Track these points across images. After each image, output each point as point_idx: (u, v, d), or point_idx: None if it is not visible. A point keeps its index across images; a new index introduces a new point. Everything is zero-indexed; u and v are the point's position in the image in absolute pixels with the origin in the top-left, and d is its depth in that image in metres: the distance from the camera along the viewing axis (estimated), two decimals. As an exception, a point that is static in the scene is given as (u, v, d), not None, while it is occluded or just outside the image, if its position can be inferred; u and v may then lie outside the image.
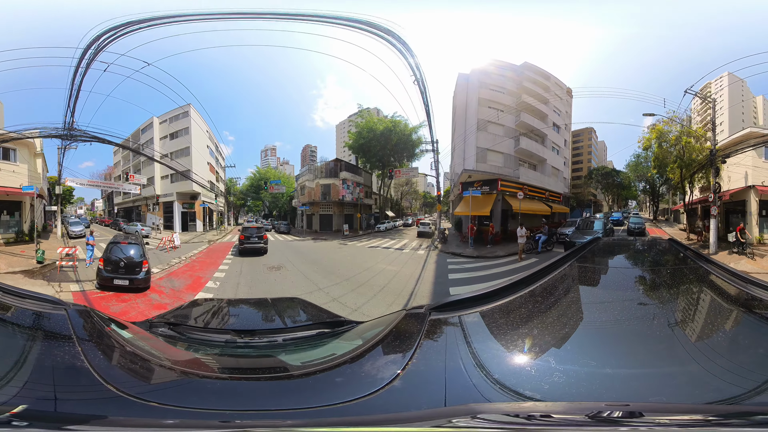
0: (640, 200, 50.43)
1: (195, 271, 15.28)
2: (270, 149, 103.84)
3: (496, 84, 27.73)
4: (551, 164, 29.75)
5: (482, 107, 26.59)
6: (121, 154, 38.45)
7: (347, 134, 58.75)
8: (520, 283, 1.75)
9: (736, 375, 1.03)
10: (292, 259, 19.13)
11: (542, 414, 0.90)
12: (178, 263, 16.98)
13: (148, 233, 28.21)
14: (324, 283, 12.53)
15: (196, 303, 3.14)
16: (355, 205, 39.34)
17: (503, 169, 25.85)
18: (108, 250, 11.46)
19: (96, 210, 50.53)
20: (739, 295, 1.55)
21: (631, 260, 2.75)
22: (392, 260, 19.17)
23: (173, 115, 34.87)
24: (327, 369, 1.31)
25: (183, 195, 34.51)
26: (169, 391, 1.21)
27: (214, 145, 41.52)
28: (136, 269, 11.03)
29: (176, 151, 34.04)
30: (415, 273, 15.54)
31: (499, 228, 24.57)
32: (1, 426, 0.88)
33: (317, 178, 38.64)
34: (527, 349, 1.28)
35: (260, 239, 20.78)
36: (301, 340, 2.06)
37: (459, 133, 27.98)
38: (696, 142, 24.06)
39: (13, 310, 1.50)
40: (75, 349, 1.22)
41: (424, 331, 1.38)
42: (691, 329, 1.34)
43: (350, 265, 17.21)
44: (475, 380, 1.06)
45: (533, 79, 29.28)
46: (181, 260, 17.87)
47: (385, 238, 31.93)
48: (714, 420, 0.88)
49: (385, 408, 1.01)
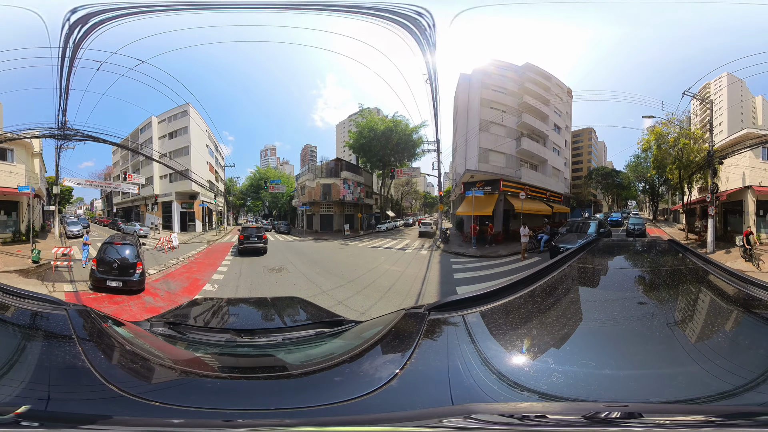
0: (639, 200, 50.88)
1: (192, 273, 15.00)
2: (270, 149, 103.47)
3: (498, 84, 27.95)
4: (552, 165, 29.98)
5: (484, 108, 26.88)
6: (120, 154, 38.25)
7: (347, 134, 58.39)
8: (519, 284, 1.75)
9: (737, 376, 1.03)
10: (293, 260, 18.88)
11: (537, 414, 0.90)
12: (175, 264, 16.67)
13: (146, 233, 27.99)
14: (327, 286, 12.29)
15: (196, 302, 3.15)
16: (355, 205, 39.09)
17: (505, 170, 26.07)
18: (102, 250, 11.25)
19: (95, 210, 50.39)
20: (738, 296, 1.55)
21: (631, 260, 2.75)
22: (396, 260, 19.14)
23: (172, 114, 34.76)
24: (326, 368, 1.31)
25: (182, 195, 34.26)
26: (170, 391, 1.22)
27: (213, 145, 40.99)
28: (130, 270, 10.75)
29: (175, 151, 33.83)
30: (420, 273, 15.54)
31: (501, 228, 24.74)
32: (8, 426, 0.89)
33: (318, 178, 38.34)
34: (526, 349, 1.29)
35: (260, 239, 20.89)
36: (301, 340, 2.07)
37: (461, 133, 28.21)
38: (694, 144, 24.51)
39: (13, 310, 1.50)
40: (76, 349, 1.23)
41: (423, 330, 1.39)
42: (690, 330, 1.34)
43: (354, 266, 16.93)
44: (473, 380, 1.07)
45: (534, 80, 29.51)
46: (178, 261, 17.56)
47: (386, 238, 31.83)
48: (718, 420, 0.87)
49: (381, 407, 1.01)
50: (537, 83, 29.61)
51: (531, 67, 29.80)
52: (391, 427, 0.93)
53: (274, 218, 49.00)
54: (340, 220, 37.63)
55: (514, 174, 26.15)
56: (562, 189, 31.87)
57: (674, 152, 25.31)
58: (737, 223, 21.05)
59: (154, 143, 33.46)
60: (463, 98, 29.32)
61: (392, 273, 15.36)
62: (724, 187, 21.77)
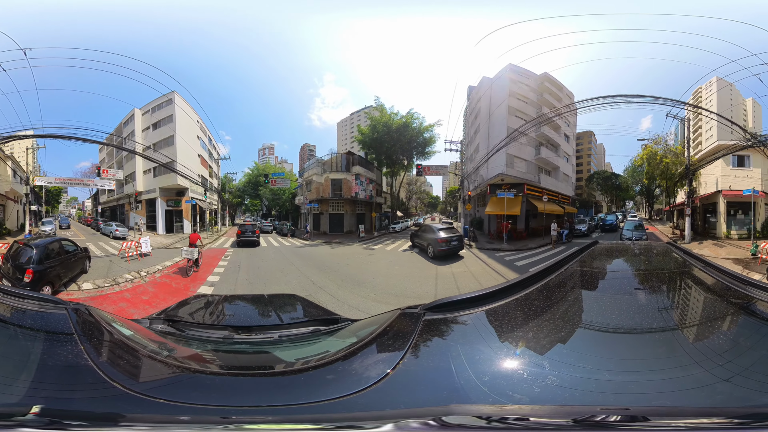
0: (637, 201, 53.79)
1: (141, 303, 9.70)
2: (268, 147, 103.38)
3: (521, 94, 31.44)
4: (563, 171, 34.29)
5: (510, 116, 30.15)
6: (105, 151, 36.07)
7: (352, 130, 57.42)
8: (515, 286, 1.76)
9: (743, 377, 1.02)
10: (313, 276, 13.31)
11: (518, 417, 0.89)
12: (126, 283, 11.98)
13: (123, 235, 25.36)
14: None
15: (195, 299, 3.16)
16: (367, 204, 35.64)
17: (527, 175, 29.79)
18: (10, 249, 10.18)
19: (86, 210, 49.59)
20: (739, 297, 1.55)
21: (630, 263, 2.75)
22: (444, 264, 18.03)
23: (156, 104, 31.17)
24: (320, 366, 1.32)
25: (167, 191, 30.11)
26: (172, 387, 1.23)
27: (207, 137, 36.98)
28: (19, 276, 9.01)
29: (159, 142, 30.16)
30: (485, 269, 15.67)
31: (524, 226, 28.64)
32: (25, 425, 0.90)
33: (327, 172, 33.89)
34: (520, 352, 1.29)
35: (253, 234, 23.97)
36: (297, 337, 2.09)
37: (482, 136, 31.04)
38: (675, 158, 30.57)
39: (13, 310, 1.52)
40: (78, 348, 1.23)
41: (418, 331, 1.39)
42: (691, 332, 1.34)
43: (417, 279, 13.26)
44: (464, 382, 1.07)
45: (550, 91, 32.98)
46: (137, 277, 12.82)
47: (403, 238, 28.72)
48: (730, 423, 0.85)
49: (367, 406, 1.02)
50: (552, 94, 32.88)
51: (547, 77, 33.11)
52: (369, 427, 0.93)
53: (274, 218, 46.09)
54: (351, 219, 33.88)
55: (535, 179, 30.06)
56: (570, 192, 36.07)
57: (661, 167, 31.94)
58: (713, 222, 25.77)
59: (137, 135, 30.48)
60: (485, 102, 31.76)
61: (465, 274, 14.34)
62: (704, 191, 26.56)
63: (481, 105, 32.40)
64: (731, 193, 23.98)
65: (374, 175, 37.38)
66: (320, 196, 33.42)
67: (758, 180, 23.70)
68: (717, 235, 24.75)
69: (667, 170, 31.39)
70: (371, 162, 36.99)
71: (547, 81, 32.65)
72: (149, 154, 28.84)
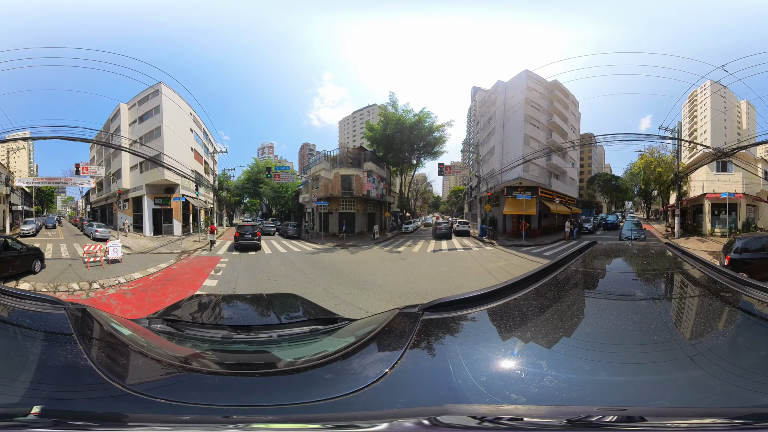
0: (636, 202, 58.05)
1: None
2: (267, 147, 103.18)
3: (535, 101, 34.28)
4: (570, 175, 38.60)
5: (526, 123, 33.15)
6: (95, 149, 34.74)
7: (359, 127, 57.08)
8: (514, 286, 1.76)
9: (743, 378, 1.01)
10: (359, 301, 9.79)
11: (512, 417, 0.88)
12: (61, 295, 9.75)
13: (103, 235, 24.24)
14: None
15: (193, 299, 3.16)
16: (379, 203, 33.83)
17: (539, 179, 33.39)
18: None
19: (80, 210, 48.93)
20: (737, 298, 1.56)
21: (628, 264, 2.76)
22: (485, 260, 19.24)
23: (142, 97, 29.27)
24: (317, 365, 1.33)
25: (154, 187, 27.65)
26: (172, 387, 1.23)
27: (202, 131, 34.79)
28: None
29: (146, 134, 28.04)
30: (523, 260, 18.45)
31: (537, 224, 32.22)
32: (26, 426, 0.90)
33: (336, 168, 31.44)
34: (518, 352, 1.29)
35: (253, 236, 22.00)
36: (295, 337, 2.10)
37: (497, 139, 33.85)
38: (667, 167, 36.35)
39: (12, 311, 1.52)
40: (77, 348, 1.23)
41: (416, 330, 1.39)
42: (690, 333, 1.34)
43: (475, 274, 13.42)
44: (461, 381, 1.07)
45: (559, 98, 35.83)
46: (77, 290, 10.63)
47: (423, 239, 28.61)
48: (730, 424, 0.85)
49: (364, 406, 1.03)
50: (560, 101, 35.75)
51: (557, 85, 35.91)
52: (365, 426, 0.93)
53: (275, 218, 44.39)
54: (362, 220, 31.72)
55: (546, 183, 33.85)
56: (575, 194, 40.26)
57: (655, 174, 38.95)
58: (700, 221, 30.71)
59: (123, 130, 28.56)
60: (499, 106, 33.92)
61: (509, 266, 16.23)
62: (692, 194, 31.67)
63: (495, 109, 34.51)
64: (714, 196, 28.20)
65: (385, 173, 36.02)
66: (329, 194, 30.54)
67: (740, 183, 27.84)
68: (703, 233, 29.35)
69: (660, 177, 37.80)
70: (383, 159, 35.54)
71: (557, 89, 35.55)
72: (135, 149, 26.75)
